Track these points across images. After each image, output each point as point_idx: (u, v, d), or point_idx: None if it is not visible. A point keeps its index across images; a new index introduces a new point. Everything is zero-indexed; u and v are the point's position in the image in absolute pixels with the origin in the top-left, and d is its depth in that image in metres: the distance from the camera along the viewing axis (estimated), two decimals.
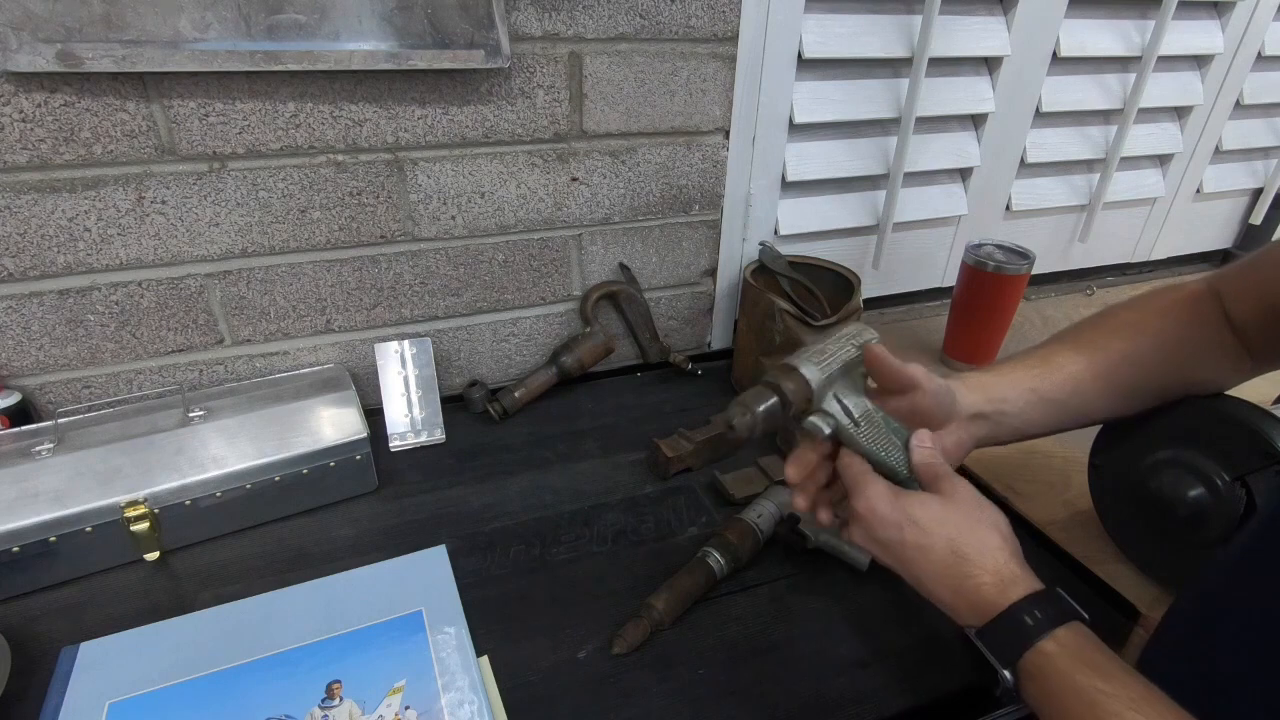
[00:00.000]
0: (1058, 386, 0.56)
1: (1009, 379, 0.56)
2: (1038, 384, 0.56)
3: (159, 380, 0.75)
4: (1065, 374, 0.56)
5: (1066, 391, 0.56)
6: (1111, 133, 1.07)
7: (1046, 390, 0.56)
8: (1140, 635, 0.59)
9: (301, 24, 0.61)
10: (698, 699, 0.52)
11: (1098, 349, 0.57)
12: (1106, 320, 0.59)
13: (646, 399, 0.89)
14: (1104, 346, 0.57)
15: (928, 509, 0.46)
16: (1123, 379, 0.56)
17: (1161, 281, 1.28)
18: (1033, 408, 0.56)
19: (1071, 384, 0.56)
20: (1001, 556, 0.45)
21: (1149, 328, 0.57)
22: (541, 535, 0.67)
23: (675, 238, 0.89)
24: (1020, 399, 0.55)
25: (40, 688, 0.51)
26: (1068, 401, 0.56)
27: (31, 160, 0.62)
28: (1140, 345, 0.56)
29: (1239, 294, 0.54)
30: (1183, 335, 0.56)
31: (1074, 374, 0.56)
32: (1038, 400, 0.56)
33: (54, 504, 0.58)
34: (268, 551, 0.64)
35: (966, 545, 0.45)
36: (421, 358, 0.80)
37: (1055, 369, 0.56)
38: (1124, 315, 0.58)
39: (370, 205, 0.74)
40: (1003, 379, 0.56)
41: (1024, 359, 0.58)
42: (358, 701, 0.50)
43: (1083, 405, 0.57)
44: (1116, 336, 0.57)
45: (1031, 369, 0.57)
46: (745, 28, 0.79)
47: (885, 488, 0.47)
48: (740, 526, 0.63)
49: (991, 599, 0.43)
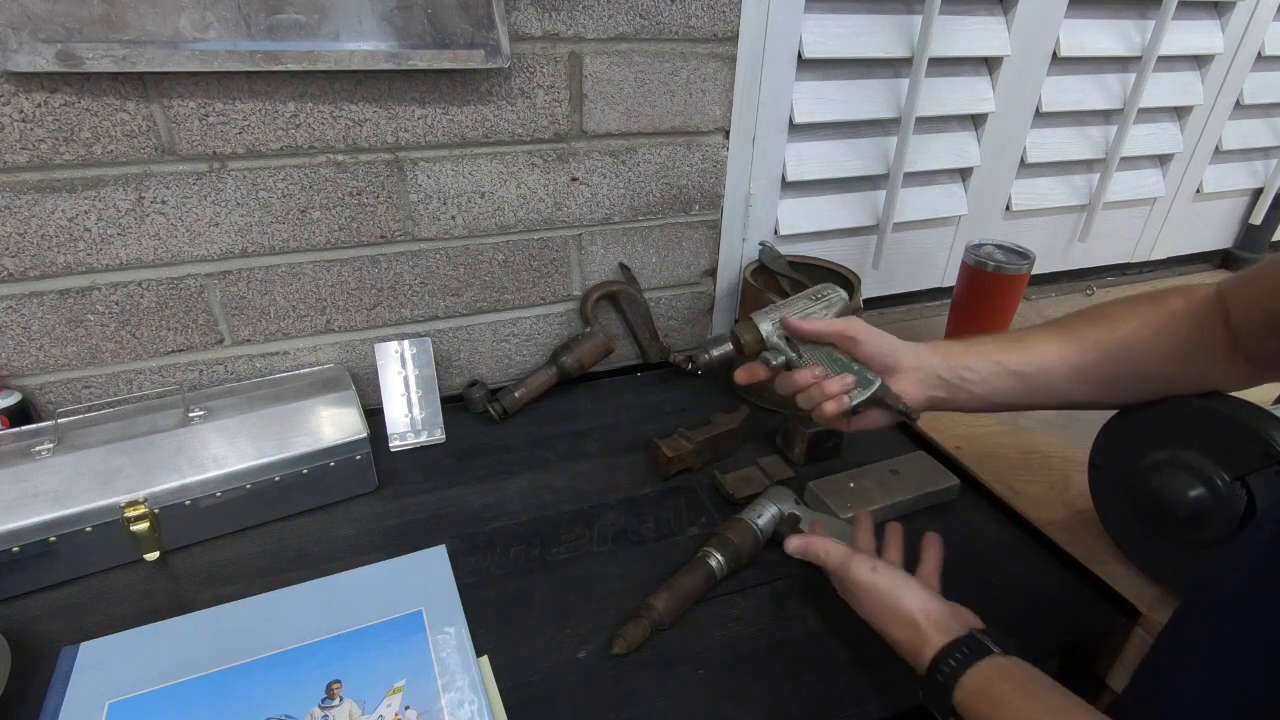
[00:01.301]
0: (1025, 362, 0.58)
1: (976, 350, 0.59)
2: (1004, 357, 0.58)
3: (159, 380, 0.75)
4: (1034, 351, 0.58)
5: (1033, 367, 0.57)
6: (1111, 133, 1.07)
7: (1012, 364, 0.58)
8: (1140, 635, 0.59)
9: (301, 24, 0.61)
10: (698, 699, 0.52)
11: (1074, 334, 0.58)
12: (1091, 310, 0.60)
13: (646, 399, 0.89)
14: (1081, 333, 0.58)
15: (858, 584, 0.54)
16: (1099, 366, 0.57)
17: (1162, 281, 1.29)
18: (997, 378, 0.58)
19: (1039, 361, 0.57)
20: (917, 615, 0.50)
21: (1134, 319, 0.57)
22: (541, 535, 0.67)
23: (675, 238, 0.89)
24: (984, 368, 0.58)
25: (40, 688, 0.51)
26: (1035, 377, 0.58)
27: (31, 160, 0.62)
28: (1121, 335, 0.57)
29: (1241, 300, 0.54)
30: (1173, 331, 0.56)
31: (1044, 352, 0.58)
32: (1002, 371, 0.58)
33: (54, 504, 0.58)
34: (268, 551, 0.64)
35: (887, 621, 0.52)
36: (421, 358, 0.80)
37: (1025, 347, 0.58)
38: (1111, 307, 0.59)
39: (370, 205, 0.74)
40: (970, 349, 0.59)
41: (998, 336, 0.61)
42: (358, 701, 0.50)
43: (1053, 385, 0.58)
44: (1096, 325, 0.58)
45: (1001, 344, 0.59)
46: (745, 28, 0.79)
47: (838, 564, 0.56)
48: (740, 526, 0.63)
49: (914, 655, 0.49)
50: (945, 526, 0.63)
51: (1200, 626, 0.41)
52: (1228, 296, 0.55)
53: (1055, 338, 0.58)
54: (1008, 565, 0.65)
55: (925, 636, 0.48)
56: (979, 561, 0.52)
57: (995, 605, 0.51)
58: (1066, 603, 0.61)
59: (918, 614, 0.49)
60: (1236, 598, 0.40)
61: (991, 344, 0.60)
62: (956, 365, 0.58)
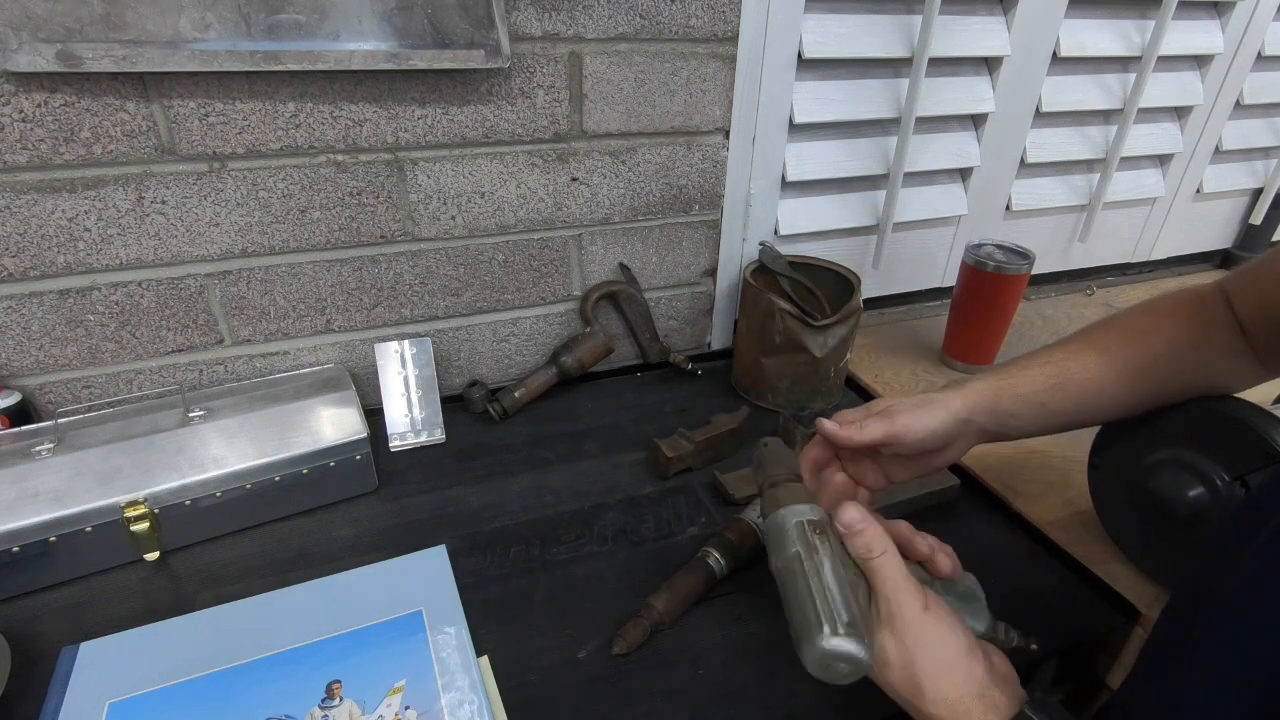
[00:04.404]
0: (1068, 401, 0.55)
1: (1021, 395, 0.55)
2: (1048, 398, 0.55)
3: (159, 380, 0.75)
4: (1077, 387, 0.55)
5: (1075, 405, 0.56)
6: (1111, 133, 1.07)
7: (1055, 405, 0.55)
8: (1140, 635, 0.59)
9: (301, 24, 0.61)
10: (698, 699, 0.52)
11: (1113, 359, 0.55)
12: (1119, 326, 0.58)
13: (646, 399, 0.89)
14: (1115, 355, 0.56)
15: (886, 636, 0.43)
16: (1132, 390, 0.56)
17: (1162, 281, 1.29)
18: (1038, 419, 0.55)
19: (1081, 397, 0.55)
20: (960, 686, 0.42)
21: (1162, 332, 0.56)
22: (541, 535, 0.67)
23: (675, 238, 0.89)
24: (1028, 414, 0.55)
25: (40, 688, 0.51)
26: (1072, 413, 0.56)
27: (31, 160, 0.62)
28: (1154, 351, 0.56)
29: (1244, 295, 0.54)
30: (1193, 339, 0.55)
31: (1084, 386, 0.55)
32: (1044, 414, 0.55)
33: (54, 504, 0.58)
34: (268, 551, 0.64)
35: (922, 675, 0.42)
36: (421, 358, 0.80)
37: (1068, 382, 0.55)
38: (1138, 320, 0.58)
39: (370, 205, 0.74)
40: (1014, 390, 0.55)
41: (1039, 367, 0.56)
42: (358, 701, 0.50)
43: (1084, 415, 0.57)
44: (1130, 345, 0.56)
45: (1044, 381, 0.55)
46: (745, 28, 0.79)
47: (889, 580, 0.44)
48: (740, 526, 0.63)
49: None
50: (945, 526, 0.63)
51: (1202, 624, 0.41)
52: (1230, 292, 0.55)
53: (1096, 364, 0.55)
54: (1008, 565, 0.65)
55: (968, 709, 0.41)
56: (979, 562, 0.52)
57: (995, 605, 0.51)
58: (1066, 603, 0.61)
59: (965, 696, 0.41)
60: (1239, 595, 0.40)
61: (1038, 380, 0.55)
62: (1002, 414, 0.54)
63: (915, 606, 0.43)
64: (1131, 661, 0.60)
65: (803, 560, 0.44)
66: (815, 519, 0.46)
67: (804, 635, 0.41)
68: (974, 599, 0.49)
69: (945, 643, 0.42)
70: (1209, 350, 0.55)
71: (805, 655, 0.41)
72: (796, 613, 0.43)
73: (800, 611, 0.42)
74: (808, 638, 0.41)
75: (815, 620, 0.41)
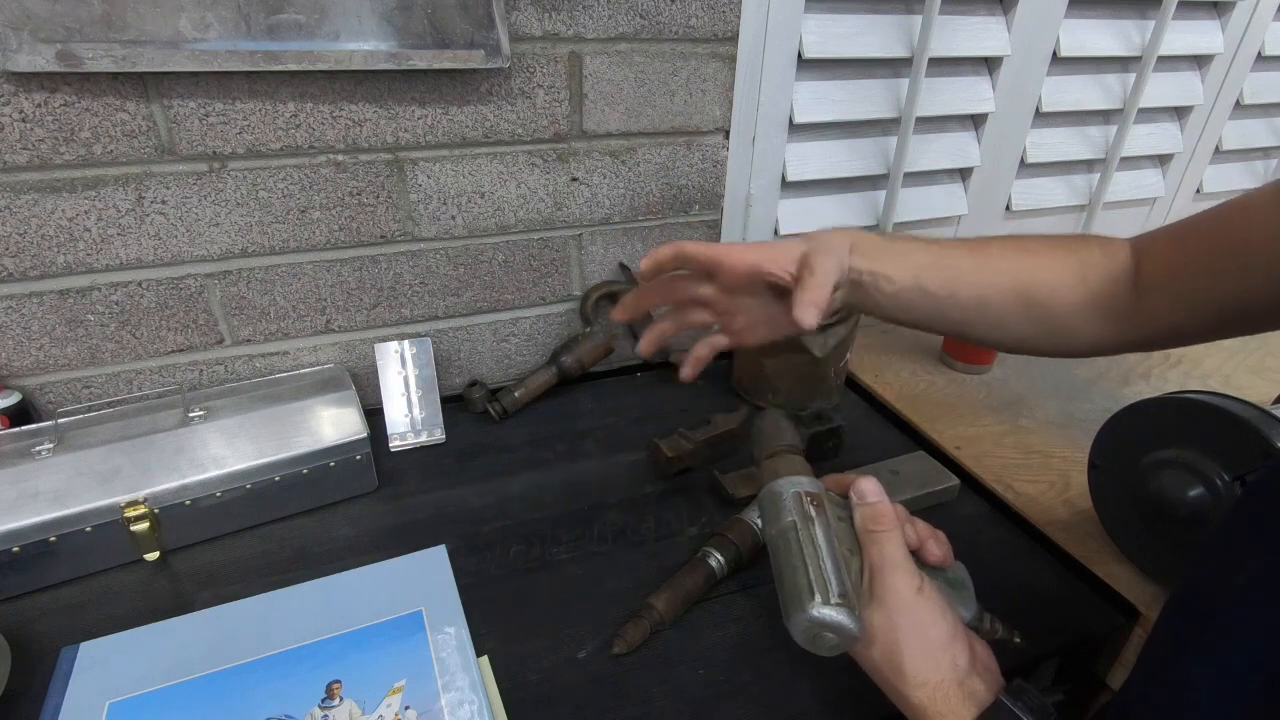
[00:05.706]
0: (940, 284, 0.54)
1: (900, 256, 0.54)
2: (924, 274, 0.54)
3: (159, 380, 0.75)
4: (950, 272, 0.54)
5: (946, 291, 0.54)
6: (1111, 133, 1.07)
7: (929, 282, 0.54)
8: (1140, 635, 0.59)
9: (301, 24, 0.61)
10: (698, 699, 0.52)
11: (989, 260, 0.55)
12: (1011, 239, 0.57)
13: (646, 399, 0.89)
14: (995, 260, 0.55)
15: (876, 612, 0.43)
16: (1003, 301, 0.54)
17: None
18: (909, 292, 0.54)
19: (953, 285, 0.54)
20: (943, 670, 0.41)
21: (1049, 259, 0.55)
22: (541, 535, 0.67)
23: (675, 238, 0.89)
24: (902, 280, 0.54)
25: (40, 688, 0.51)
26: (944, 301, 0.54)
27: (31, 160, 0.62)
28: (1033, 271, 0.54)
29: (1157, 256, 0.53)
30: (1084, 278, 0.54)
31: (958, 274, 0.54)
32: (916, 287, 0.54)
33: (54, 504, 0.58)
34: (268, 551, 0.64)
35: (906, 656, 0.42)
36: (421, 358, 0.80)
37: (943, 266, 0.55)
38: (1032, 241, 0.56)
39: (370, 205, 0.74)
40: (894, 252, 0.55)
41: (922, 245, 0.56)
42: (358, 701, 0.50)
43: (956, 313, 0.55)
44: (1011, 255, 0.55)
45: (924, 256, 0.55)
46: (745, 28, 0.79)
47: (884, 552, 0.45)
48: (740, 526, 0.63)
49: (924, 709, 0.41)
50: (945, 527, 0.63)
51: (1202, 624, 0.41)
52: (1143, 251, 0.54)
53: (971, 259, 0.55)
54: (1008, 565, 0.65)
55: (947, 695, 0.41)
56: (979, 561, 0.52)
57: (996, 605, 0.51)
58: (1066, 603, 0.61)
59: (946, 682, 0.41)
60: (1239, 595, 0.40)
61: (915, 252, 0.55)
62: (878, 273, 0.53)
63: (910, 587, 0.43)
64: (1131, 661, 0.60)
65: (798, 530, 0.44)
66: (813, 491, 0.46)
67: (794, 603, 0.41)
68: (962, 587, 0.49)
69: (933, 626, 0.42)
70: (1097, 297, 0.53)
71: (794, 623, 0.41)
72: (788, 580, 0.43)
73: (792, 579, 0.42)
74: (798, 605, 0.41)
75: (807, 588, 0.41)
